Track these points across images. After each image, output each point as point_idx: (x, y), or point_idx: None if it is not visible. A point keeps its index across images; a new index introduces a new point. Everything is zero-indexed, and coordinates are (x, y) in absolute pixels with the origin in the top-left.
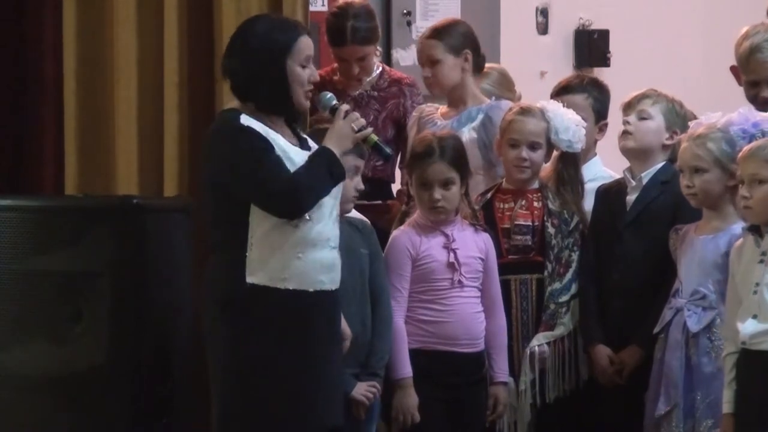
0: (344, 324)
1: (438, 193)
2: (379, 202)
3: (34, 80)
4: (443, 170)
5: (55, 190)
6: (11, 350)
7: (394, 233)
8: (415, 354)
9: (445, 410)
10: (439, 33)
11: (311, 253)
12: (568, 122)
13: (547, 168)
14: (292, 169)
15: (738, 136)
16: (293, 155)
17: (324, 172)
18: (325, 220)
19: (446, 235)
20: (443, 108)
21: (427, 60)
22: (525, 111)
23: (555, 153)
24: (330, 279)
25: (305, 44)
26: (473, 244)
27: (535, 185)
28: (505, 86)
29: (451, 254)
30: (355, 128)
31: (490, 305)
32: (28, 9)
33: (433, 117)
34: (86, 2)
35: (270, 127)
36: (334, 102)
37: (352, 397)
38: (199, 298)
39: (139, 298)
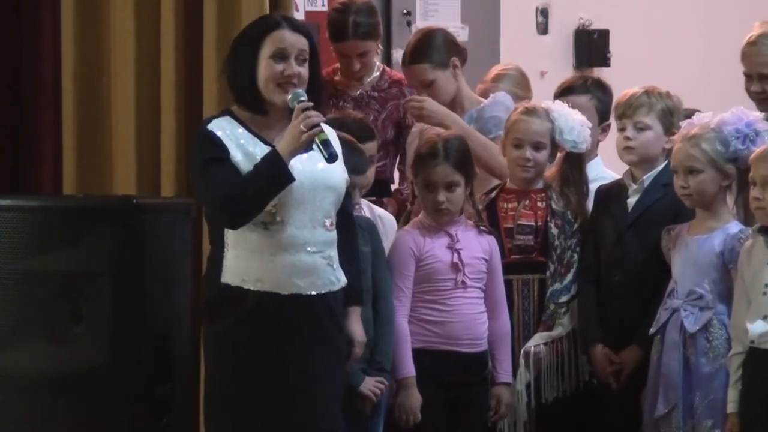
0: (357, 330)
1: (442, 196)
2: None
3: (33, 81)
4: (447, 173)
5: (54, 190)
6: (11, 350)
7: (399, 233)
8: (417, 353)
9: (447, 410)
10: (420, 55)
11: (284, 256)
12: (573, 122)
13: (551, 168)
14: None
15: (732, 136)
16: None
17: (264, 177)
18: (305, 224)
19: (450, 236)
20: None
21: (420, 84)
22: (530, 111)
23: (560, 153)
24: (308, 283)
25: (280, 37)
26: (477, 245)
27: (540, 185)
28: (524, 86)
29: (455, 255)
30: (305, 128)
31: (493, 306)
32: (25, 10)
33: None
34: (84, 3)
35: (251, 128)
36: (301, 99)
37: (359, 392)
38: (199, 298)
39: (139, 298)
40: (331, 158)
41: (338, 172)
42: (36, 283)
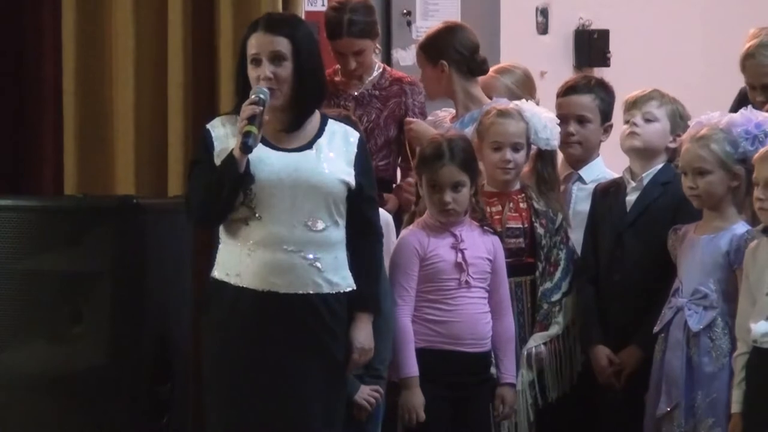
0: (358, 336)
1: (449, 196)
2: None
3: (34, 81)
4: (454, 173)
5: (55, 191)
6: (11, 350)
7: (403, 233)
8: (421, 353)
9: (451, 409)
10: (423, 43)
11: (261, 252)
12: (545, 120)
13: (525, 168)
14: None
15: (741, 137)
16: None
17: (218, 179)
18: (284, 222)
19: (455, 236)
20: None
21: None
22: (504, 113)
23: (532, 152)
24: (286, 282)
25: (252, 42)
26: (481, 245)
27: (517, 186)
28: (526, 87)
29: (459, 254)
30: (239, 123)
31: (497, 306)
32: (27, 9)
33: (444, 121)
34: (85, 3)
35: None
36: (260, 95)
37: (354, 401)
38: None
39: (139, 298)
40: (243, 147)
41: (329, 174)
42: (36, 283)
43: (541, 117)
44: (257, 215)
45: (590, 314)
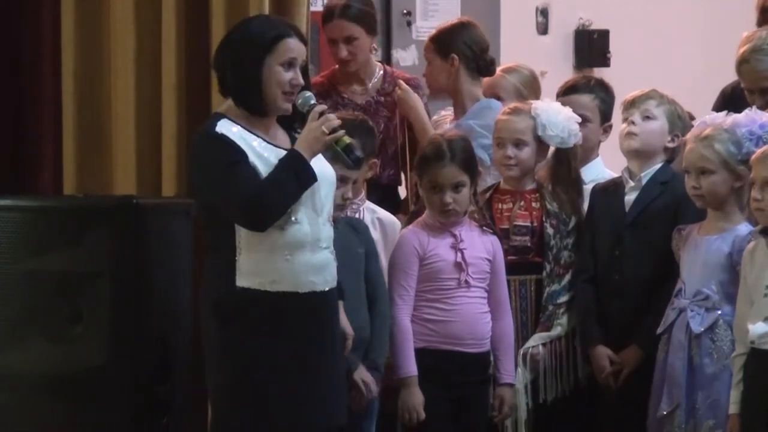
0: (345, 323)
1: (449, 197)
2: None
3: (33, 81)
4: (454, 174)
5: (54, 191)
6: (11, 350)
7: (402, 232)
8: (420, 353)
9: (450, 409)
10: (434, 35)
11: (300, 254)
12: (556, 117)
13: (543, 168)
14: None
15: (745, 138)
16: (274, 159)
17: (289, 178)
18: (314, 221)
19: (454, 236)
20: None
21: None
22: (513, 110)
23: (550, 151)
24: (322, 280)
25: (290, 46)
26: (481, 245)
27: (533, 185)
28: (532, 87)
29: (459, 254)
30: (326, 131)
31: (496, 307)
32: (26, 10)
33: (444, 122)
34: (84, 3)
35: (250, 130)
36: (312, 102)
37: (353, 379)
38: (199, 298)
39: (139, 298)
40: (355, 163)
41: (329, 167)
42: (36, 283)
43: (553, 113)
44: (293, 218)
45: (590, 314)
